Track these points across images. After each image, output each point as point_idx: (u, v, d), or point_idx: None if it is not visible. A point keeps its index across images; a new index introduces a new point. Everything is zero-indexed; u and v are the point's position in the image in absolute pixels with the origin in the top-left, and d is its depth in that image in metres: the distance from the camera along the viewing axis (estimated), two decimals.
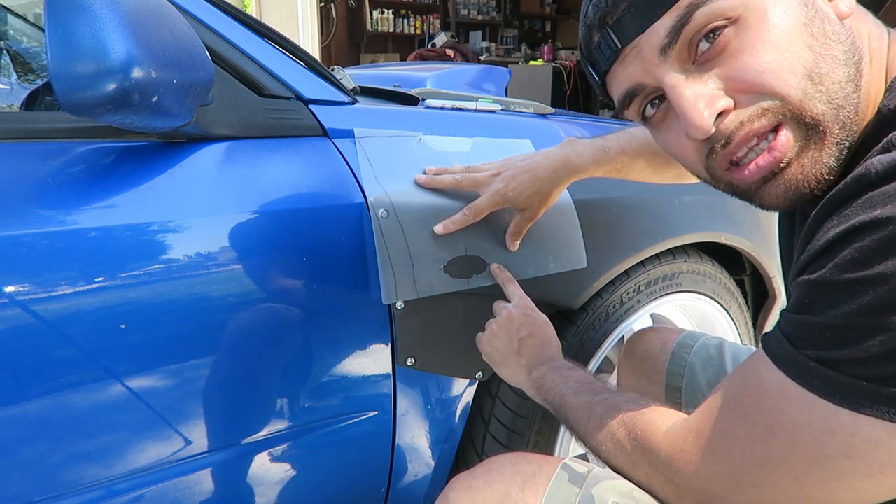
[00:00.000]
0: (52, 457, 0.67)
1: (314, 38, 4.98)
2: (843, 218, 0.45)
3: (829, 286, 0.44)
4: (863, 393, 0.43)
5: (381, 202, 0.81)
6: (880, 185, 0.43)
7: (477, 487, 0.63)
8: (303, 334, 0.79)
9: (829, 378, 0.45)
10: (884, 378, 0.42)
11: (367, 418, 0.86)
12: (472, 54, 6.16)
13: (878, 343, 0.41)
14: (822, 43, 0.49)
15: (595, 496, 0.58)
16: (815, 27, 0.49)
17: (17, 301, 0.62)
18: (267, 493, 0.82)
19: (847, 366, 0.44)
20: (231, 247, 0.73)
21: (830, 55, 0.49)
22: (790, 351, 0.47)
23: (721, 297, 1.25)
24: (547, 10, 8.05)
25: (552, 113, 1.25)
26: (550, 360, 0.80)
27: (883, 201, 0.42)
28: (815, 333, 0.46)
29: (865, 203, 0.43)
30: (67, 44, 0.55)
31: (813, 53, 0.49)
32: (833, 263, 0.44)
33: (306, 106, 0.85)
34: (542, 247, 0.91)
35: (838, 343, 0.44)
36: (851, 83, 0.50)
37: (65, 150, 0.71)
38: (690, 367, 0.95)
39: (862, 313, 0.42)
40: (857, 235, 0.43)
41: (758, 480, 0.50)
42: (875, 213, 0.42)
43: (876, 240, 0.41)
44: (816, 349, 0.46)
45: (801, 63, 0.49)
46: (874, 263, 0.41)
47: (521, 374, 0.82)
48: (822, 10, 0.50)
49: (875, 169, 0.43)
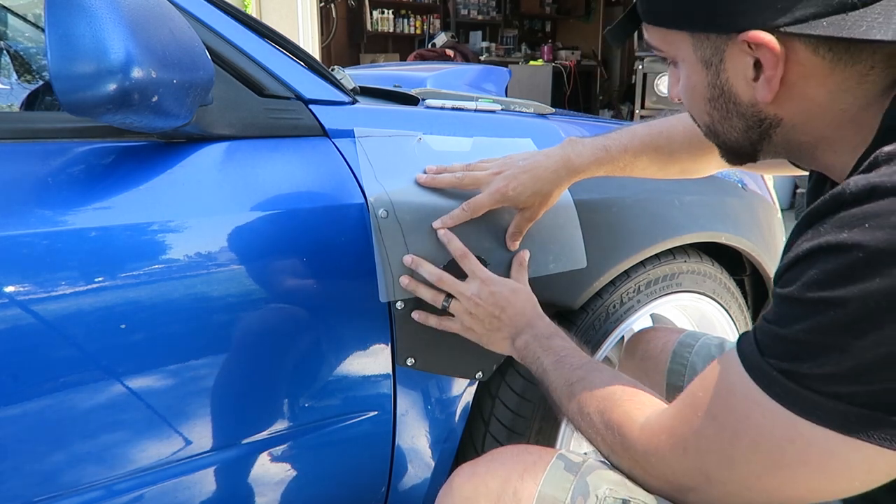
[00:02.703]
0: (52, 457, 0.67)
1: (314, 38, 4.98)
2: (815, 233, 0.47)
3: (794, 302, 0.47)
4: (820, 407, 0.46)
5: (380, 202, 0.81)
6: (853, 206, 0.45)
7: (479, 474, 0.65)
8: (303, 334, 0.79)
9: (789, 389, 0.48)
10: (840, 395, 0.45)
11: (367, 418, 0.86)
12: (472, 54, 6.16)
13: (835, 362, 0.45)
14: (721, 115, 0.60)
15: (589, 483, 0.61)
16: (718, 102, 0.59)
17: (17, 301, 0.62)
18: (267, 492, 0.82)
19: (806, 379, 0.47)
20: (231, 247, 0.73)
21: (728, 124, 0.60)
22: (757, 357, 0.50)
23: (721, 297, 1.25)
24: (547, 10, 8.05)
25: (552, 113, 1.25)
26: (529, 324, 0.80)
27: (851, 224, 0.44)
28: (779, 345, 0.49)
29: (837, 222, 0.46)
30: (67, 44, 0.55)
31: (711, 119, 0.61)
32: (801, 281, 0.47)
33: (306, 106, 0.85)
34: (542, 247, 0.91)
35: (799, 357, 0.47)
36: (751, 139, 0.60)
37: (65, 150, 0.71)
38: (692, 366, 0.95)
39: (821, 332, 0.45)
40: (824, 256, 0.45)
41: (726, 478, 0.54)
42: (843, 235, 0.44)
43: (840, 264, 0.44)
44: (780, 360, 0.48)
45: (702, 120, 0.63)
46: (836, 286, 0.44)
47: (506, 347, 0.82)
48: (731, 93, 0.57)
49: (850, 189, 0.46)
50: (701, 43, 0.56)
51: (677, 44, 0.59)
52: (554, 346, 0.76)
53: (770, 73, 0.53)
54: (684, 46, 0.58)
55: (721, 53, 0.55)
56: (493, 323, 0.81)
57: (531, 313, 0.82)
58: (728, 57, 0.55)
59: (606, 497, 0.59)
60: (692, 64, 0.58)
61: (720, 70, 0.56)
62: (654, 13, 0.60)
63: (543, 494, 0.60)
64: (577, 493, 0.60)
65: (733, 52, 0.54)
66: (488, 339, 0.83)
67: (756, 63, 0.53)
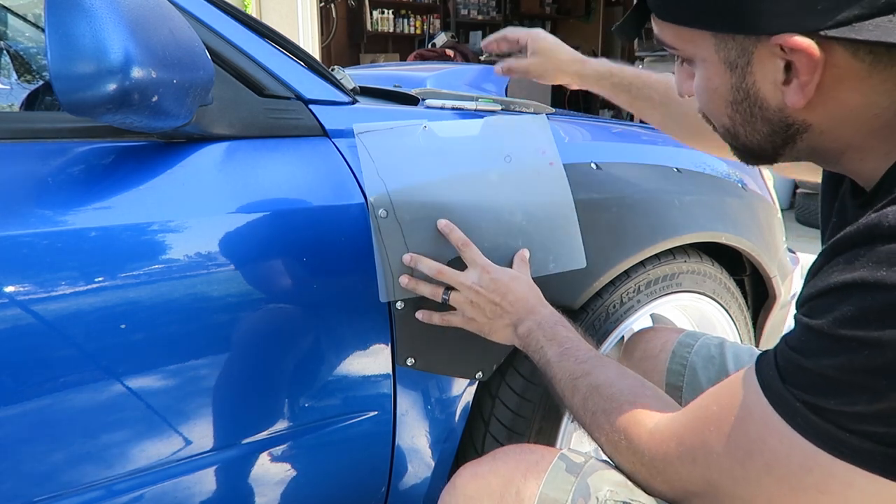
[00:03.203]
0: (52, 457, 0.67)
1: (314, 38, 4.98)
2: (849, 266, 0.45)
3: (824, 336, 0.46)
4: (845, 443, 0.45)
5: (380, 202, 0.81)
6: (890, 242, 0.43)
7: (482, 474, 0.65)
8: (303, 334, 0.79)
9: (812, 422, 0.47)
10: (867, 434, 0.44)
11: (367, 418, 0.86)
12: (472, 54, 6.15)
13: (866, 401, 0.43)
14: (744, 119, 0.56)
15: (590, 485, 0.61)
16: (741, 106, 0.55)
17: (17, 301, 0.62)
18: (267, 492, 0.82)
19: (832, 415, 0.46)
20: (231, 247, 0.73)
21: (750, 127, 0.57)
22: (779, 384, 0.49)
23: (721, 297, 1.25)
24: (547, 10, 8.05)
25: (552, 113, 1.25)
26: (532, 311, 0.79)
27: (890, 261, 0.42)
28: (804, 377, 0.47)
29: (874, 258, 0.43)
30: (67, 44, 0.55)
31: (732, 122, 0.58)
32: (833, 315, 0.45)
33: (306, 106, 0.85)
34: (542, 247, 0.91)
35: (826, 392, 0.46)
36: (775, 143, 0.57)
37: (65, 150, 0.71)
38: (691, 366, 0.95)
39: (853, 371, 0.44)
40: (860, 293, 0.44)
41: (733, 493, 0.53)
42: (881, 273, 0.42)
43: (878, 302, 0.42)
44: (804, 391, 0.47)
45: (720, 121, 0.59)
46: (872, 327, 0.42)
47: (509, 335, 0.81)
48: (757, 97, 0.54)
49: (888, 223, 0.44)
50: (725, 43, 0.53)
51: (696, 42, 0.55)
52: (558, 335, 0.75)
53: (805, 79, 0.49)
54: (705, 45, 0.54)
55: (748, 55, 0.52)
56: (495, 310, 0.80)
57: (533, 300, 0.81)
58: (756, 59, 0.52)
59: (607, 499, 0.59)
60: (713, 64, 0.55)
61: (746, 73, 0.53)
62: (671, 10, 0.56)
63: (545, 496, 0.60)
64: (578, 495, 0.60)
65: (762, 54, 0.51)
66: (490, 327, 0.82)
67: (787, 66, 0.50)
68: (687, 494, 0.57)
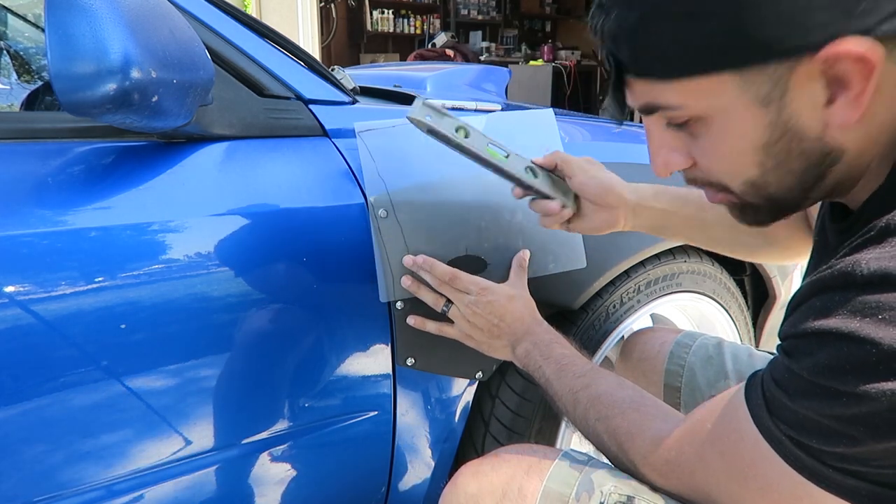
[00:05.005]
0: (52, 457, 0.67)
1: (314, 38, 4.98)
2: (825, 310, 0.44)
3: (803, 381, 0.45)
4: (829, 479, 0.46)
5: (381, 202, 0.81)
6: (865, 293, 0.41)
7: (484, 472, 0.66)
8: (303, 334, 0.79)
9: (797, 455, 0.47)
10: (849, 472, 0.45)
11: (367, 418, 0.86)
12: (472, 54, 6.16)
13: (846, 444, 0.43)
14: (778, 160, 0.49)
15: (594, 480, 0.61)
16: (778, 147, 0.48)
17: (17, 301, 0.62)
18: (267, 493, 0.82)
19: (815, 452, 0.46)
20: (231, 247, 0.73)
21: (784, 168, 0.50)
22: (765, 415, 0.49)
23: (721, 297, 1.25)
24: (547, 10, 8.05)
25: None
26: (528, 332, 0.80)
27: (864, 312, 0.41)
28: (788, 413, 0.47)
29: (848, 306, 0.42)
30: (67, 44, 0.55)
31: (762, 169, 0.50)
32: (810, 360, 0.44)
33: (306, 106, 0.85)
34: (542, 247, 0.91)
35: (808, 432, 0.46)
36: (807, 183, 0.51)
37: (65, 150, 0.71)
38: (689, 366, 0.95)
39: (833, 418, 0.44)
40: (835, 342, 0.42)
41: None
42: (854, 324, 0.41)
43: (853, 356, 0.41)
44: (789, 427, 0.47)
45: (746, 175, 0.51)
46: (848, 378, 0.42)
47: (507, 355, 0.82)
48: (796, 129, 0.47)
49: (861, 272, 0.42)
50: (754, 79, 0.46)
51: (713, 91, 0.47)
52: (554, 353, 0.76)
53: (860, 88, 0.43)
54: (725, 91, 0.47)
55: (784, 84, 0.45)
56: (493, 331, 0.81)
57: (529, 320, 0.81)
58: (794, 85, 0.45)
59: (611, 493, 0.60)
60: (739, 109, 0.47)
61: (782, 105, 0.46)
62: (675, 64, 0.48)
63: (548, 490, 0.61)
64: (582, 490, 0.60)
65: (800, 79, 0.45)
66: (488, 346, 0.83)
67: (829, 82, 0.44)
68: (690, 496, 0.58)
